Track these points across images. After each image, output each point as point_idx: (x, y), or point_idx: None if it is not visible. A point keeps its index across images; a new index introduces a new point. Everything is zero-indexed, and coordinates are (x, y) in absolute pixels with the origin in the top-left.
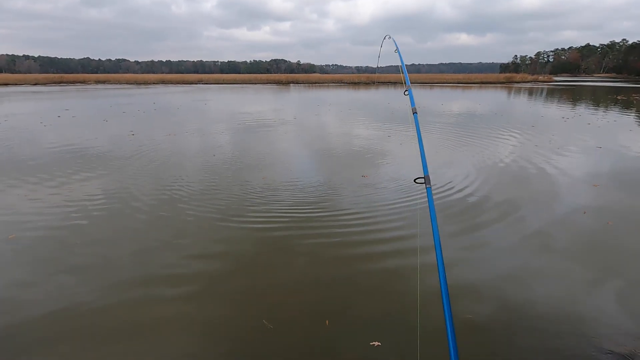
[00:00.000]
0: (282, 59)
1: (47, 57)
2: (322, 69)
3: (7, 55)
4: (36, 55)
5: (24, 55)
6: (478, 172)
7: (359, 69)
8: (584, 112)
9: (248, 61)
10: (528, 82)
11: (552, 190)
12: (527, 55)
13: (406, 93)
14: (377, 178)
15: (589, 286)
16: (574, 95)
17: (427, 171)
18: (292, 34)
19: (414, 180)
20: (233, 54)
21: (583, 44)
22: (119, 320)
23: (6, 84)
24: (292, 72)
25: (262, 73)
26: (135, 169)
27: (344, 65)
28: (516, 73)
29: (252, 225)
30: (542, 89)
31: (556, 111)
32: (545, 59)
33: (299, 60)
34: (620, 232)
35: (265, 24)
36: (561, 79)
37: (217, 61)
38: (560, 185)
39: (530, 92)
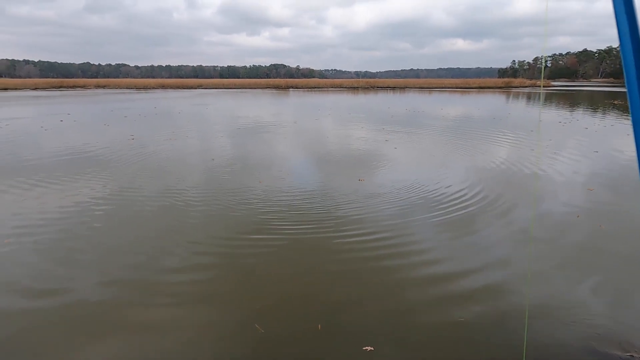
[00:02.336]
0: (281, 64)
1: (47, 61)
2: (321, 74)
3: (7, 59)
4: (36, 60)
5: (24, 60)
6: (472, 174)
7: (357, 74)
8: (581, 117)
9: (247, 66)
10: (526, 86)
11: (546, 194)
12: (525, 60)
13: None
14: (373, 181)
15: (576, 288)
16: (571, 100)
17: None
18: (291, 40)
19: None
20: (232, 59)
21: (580, 50)
22: (112, 319)
23: (6, 89)
24: (291, 76)
25: (261, 78)
26: (134, 172)
27: (343, 70)
28: (514, 78)
29: (247, 228)
30: (540, 94)
31: (554, 116)
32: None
33: (298, 65)
34: (611, 236)
35: (264, 29)
36: (559, 84)
37: (217, 66)
38: (554, 188)
39: (529, 96)
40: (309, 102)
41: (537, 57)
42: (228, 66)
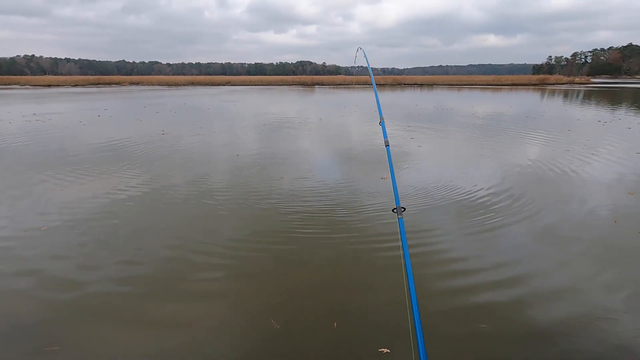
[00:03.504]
0: (307, 61)
1: (86, 59)
2: (348, 71)
3: (50, 58)
4: (76, 58)
5: (65, 58)
6: (504, 174)
7: (384, 71)
8: (625, 116)
9: (274, 63)
10: (563, 84)
11: (581, 197)
12: (562, 56)
13: (380, 124)
14: (397, 180)
15: (613, 297)
16: (613, 98)
17: (399, 202)
18: (318, 37)
19: (392, 210)
20: (260, 56)
21: (624, 44)
22: (133, 309)
23: (49, 85)
24: (317, 73)
25: (287, 75)
26: (164, 165)
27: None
28: (550, 74)
29: (268, 224)
30: (578, 91)
31: (593, 114)
32: (583, 59)
33: (324, 62)
34: None
35: (292, 27)
36: (600, 81)
37: (245, 63)
38: (591, 191)
39: (566, 94)
40: (335, 99)
41: (576, 53)
42: (255, 63)
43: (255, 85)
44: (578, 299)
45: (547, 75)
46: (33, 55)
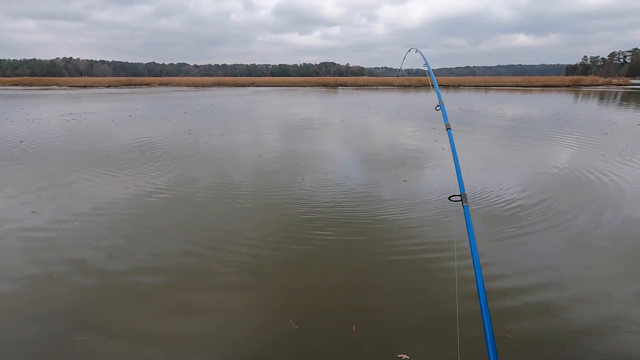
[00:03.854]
0: (331, 62)
1: (119, 61)
2: (371, 72)
3: (86, 60)
4: (110, 60)
5: (100, 60)
6: (534, 179)
7: (409, 72)
8: None
9: (298, 64)
10: (599, 85)
11: (617, 205)
12: (598, 56)
13: (438, 108)
14: (418, 183)
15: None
16: None
17: (464, 188)
18: (342, 38)
19: (449, 198)
20: (284, 58)
21: None
22: (156, 298)
23: (85, 86)
24: (340, 74)
25: (311, 76)
26: (189, 164)
27: (394, 67)
28: (585, 75)
29: (288, 224)
30: (616, 93)
31: (632, 117)
32: (621, 59)
33: (348, 63)
34: None
35: (316, 28)
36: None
37: (269, 64)
38: (627, 200)
39: (602, 96)
40: (358, 100)
41: (613, 52)
42: (279, 65)
43: (279, 86)
44: (608, 310)
45: (581, 76)
46: (71, 58)
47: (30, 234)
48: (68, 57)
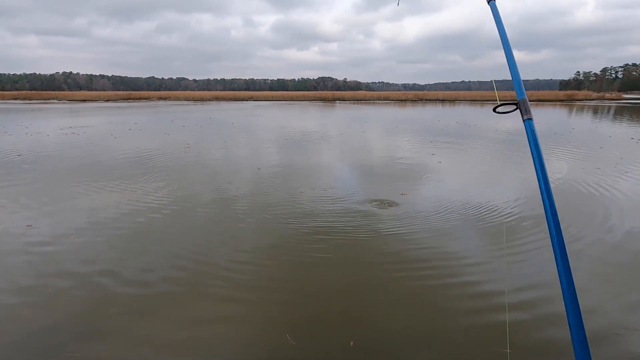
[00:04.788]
0: (328, 77)
1: (118, 76)
2: (368, 87)
3: (86, 74)
4: (110, 75)
5: (100, 75)
6: (531, 193)
7: (405, 87)
8: None
9: (296, 79)
10: (592, 99)
11: (612, 217)
12: (591, 72)
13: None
14: (416, 196)
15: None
16: None
17: (524, 94)
18: (339, 54)
19: (494, 110)
20: (282, 72)
21: None
22: (149, 311)
23: (84, 100)
24: (338, 89)
25: (309, 90)
26: (187, 178)
27: (391, 82)
28: (578, 90)
29: (285, 238)
30: (609, 107)
31: (626, 131)
32: (613, 75)
33: (345, 78)
34: None
35: (314, 44)
36: (633, 97)
37: (267, 79)
38: (622, 213)
39: (595, 110)
40: (356, 114)
41: (605, 68)
42: (278, 79)
43: (277, 100)
44: (604, 320)
45: (575, 90)
46: (71, 72)
47: (26, 247)
48: (68, 71)
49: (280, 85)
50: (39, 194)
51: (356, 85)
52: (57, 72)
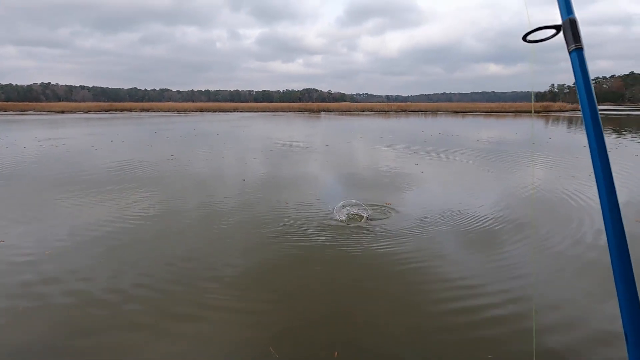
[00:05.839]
0: (313, 88)
1: (99, 87)
2: (353, 98)
3: (65, 85)
4: (90, 86)
5: (80, 86)
6: (510, 201)
7: (389, 98)
8: (631, 143)
9: (281, 90)
10: (567, 111)
11: (588, 224)
12: (565, 84)
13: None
14: (399, 205)
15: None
16: (619, 125)
17: (572, 12)
18: (324, 66)
19: (523, 38)
20: (267, 84)
21: (626, 73)
22: (129, 325)
23: (63, 111)
24: (323, 100)
25: (294, 102)
26: (171, 189)
27: (375, 94)
28: (553, 102)
29: (270, 248)
30: (582, 119)
31: None
32: None
33: (330, 90)
34: None
35: (299, 57)
36: (604, 108)
37: (252, 90)
38: (598, 219)
39: (570, 121)
40: (341, 125)
41: None
42: (263, 91)
43: (262, 111)
44: (583, 326)
45: (550, 102)
46: (49, 83)
47: None
48: (46, 82)
49: (266, 96)
50: (13, 207)
51: (341, 97)
52: (34, 83)
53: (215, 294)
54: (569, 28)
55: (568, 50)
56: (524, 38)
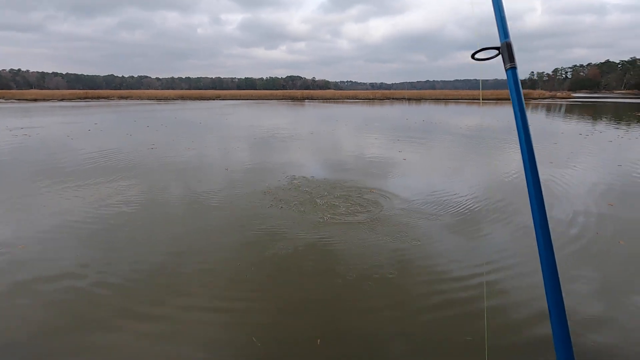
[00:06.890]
0: (297, 76)
1: (73, 74)
2: (337, 86)
3: (37, 72)
4: (64, 73)
5: (52, 73)
6: (492, 186)
7: (373, 85)
8: (605, 129)
9: (264, 78)
10: (545, 98)
11: (565, 209)
12: (544, 72)
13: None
14: (384, 191)
15: (596, 302)
16: (594, 112)
17: (508, 37)
18: (308, 53)
19: (472, 57)
20: (250, 71)
21: (602, 61)
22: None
23: (36, 100)
24: (307, 88)
25: (277, 89)
26: (152, 179)
27: (359, 81)
28: (533, 89)
29: (253, 238)
30: (560, 105)
31: (575, 128)
32: (564, 75)
33: (314, 77)
34: (633, 251)
35: (282, 43)
36: (580, 96)
37: (235, 78)
38: (574, 203)
39: (549, 108)
40: (325, 112)
41: (556, 69)
42: (245, 78)
43: (245, 99)
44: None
45: (530, 90)
46: (19, 69)
47: None
48: (16, 68)
49: (249, 84)
50: None
51: (325, 84)
52: (3, 70)
53: (191, 285)
54: (506, 50)
55: (505, 68)
56: (473, 56)
